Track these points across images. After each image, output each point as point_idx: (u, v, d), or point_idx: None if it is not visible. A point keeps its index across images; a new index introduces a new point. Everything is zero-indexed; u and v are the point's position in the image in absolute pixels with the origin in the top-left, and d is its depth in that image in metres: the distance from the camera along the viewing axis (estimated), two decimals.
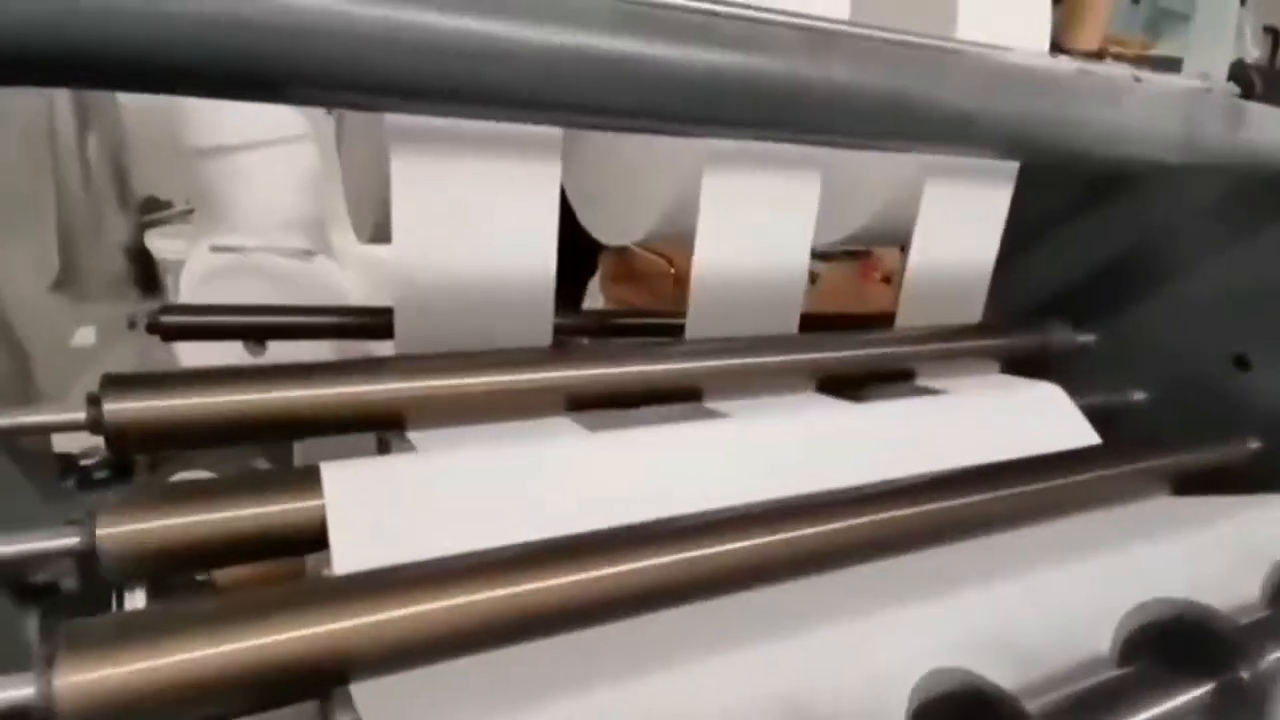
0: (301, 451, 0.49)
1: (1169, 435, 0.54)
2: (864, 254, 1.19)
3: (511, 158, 0.38)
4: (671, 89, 0.26)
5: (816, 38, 0.29)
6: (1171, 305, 0.59)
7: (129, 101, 1.58)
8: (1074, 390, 0.55)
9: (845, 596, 0.33)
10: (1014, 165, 0.54)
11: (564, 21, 0.24)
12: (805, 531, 0.36)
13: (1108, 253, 0.62)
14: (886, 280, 1.19)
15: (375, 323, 0.46)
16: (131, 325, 0.41)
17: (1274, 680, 0.23)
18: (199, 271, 1.01)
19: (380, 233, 0.51)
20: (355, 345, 0.51)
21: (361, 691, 0.25)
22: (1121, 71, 0.46)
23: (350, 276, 1.07)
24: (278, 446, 0.47)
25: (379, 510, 0.32)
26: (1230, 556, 0.35)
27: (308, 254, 1.06)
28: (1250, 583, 0.34)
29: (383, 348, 0.44)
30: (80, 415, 0.31)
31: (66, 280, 1.21)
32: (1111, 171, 0.55)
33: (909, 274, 0.55)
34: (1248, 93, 0.51)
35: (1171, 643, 0.23)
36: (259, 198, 1.14)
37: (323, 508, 0.31)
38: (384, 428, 0.38)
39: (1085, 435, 0.50)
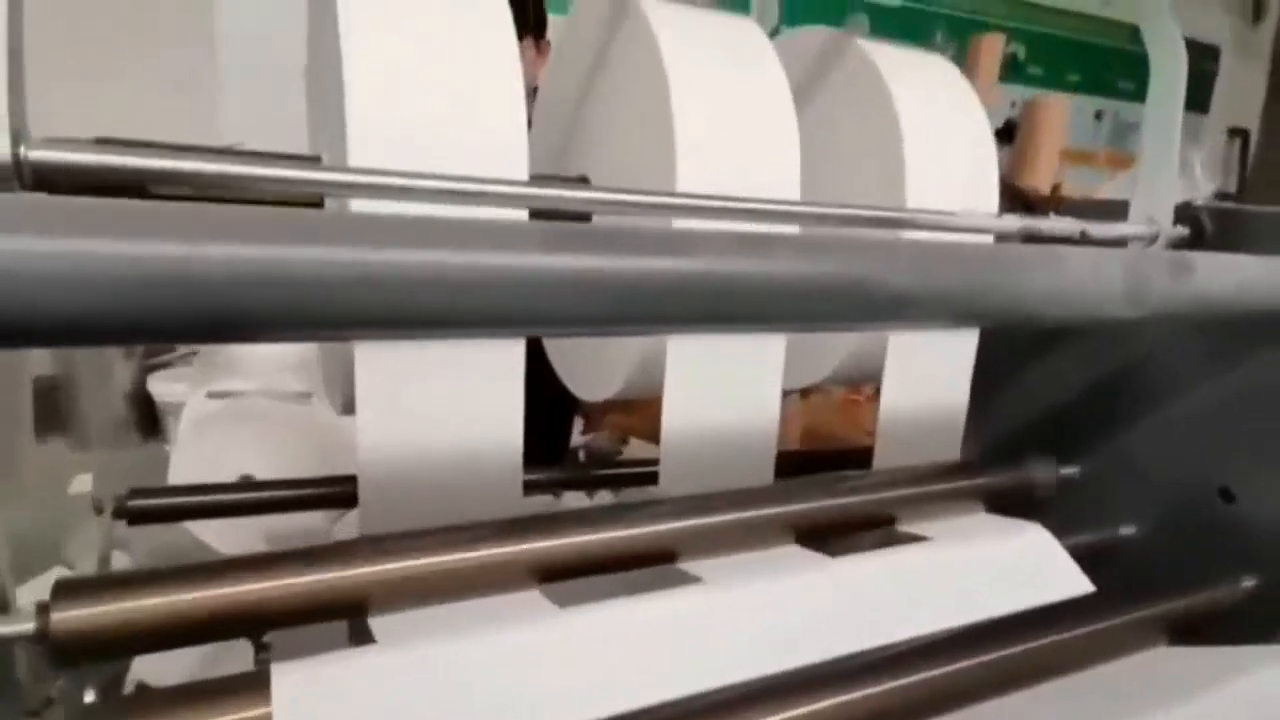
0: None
1: (1161, 571, 0.53)
2: None
3: (473, 343, 0.39)
4: (610, 298, 0.27)
5: (746, 235, 0.30)
6: (1154, 436, 0.58)
7: None
8: (1061, 525, 0.54)
9: None
10: None
11: (499, 245, 0.26)
12: (793, 713, 0.35)
13: (1086, 384, 0.63)
14: (878, 392, 1.19)
15: (342, 492, 0.46)
16: (98, 511, 0.42)
17: None
18: (195, 417, 1.03)
19: (351, 406, 0.52)
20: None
21: None
22: (1068, 226, 0.47)
23: (347, 418, 1.08)
24: None
25: (333, 716, 0.31)
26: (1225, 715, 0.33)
27: (304, 396, 1.07)
28: None
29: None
30: (29, 626, 0.31)
31: (67, 427, 1.23)
32: (1061, 330, 0.56)
33: (883, 416, 0.55)
34: (1198, 234, 0.53)
35: None
36: (254, 345, 1.17)
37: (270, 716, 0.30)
38: (347, 616, 0.37)
39: (1076, 582, 0.48)
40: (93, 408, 1.31)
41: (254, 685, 0.31)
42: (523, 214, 0.37)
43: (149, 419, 1.31)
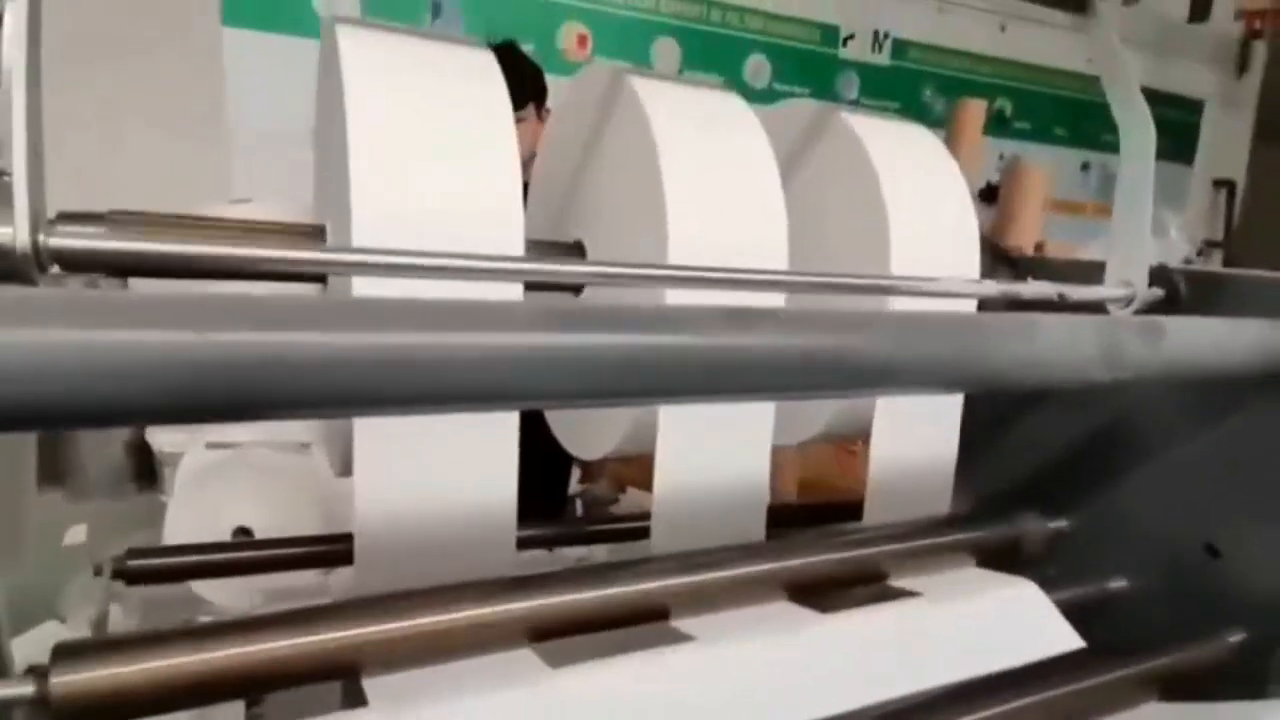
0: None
1: (1151, 625, 0.53)
2: None
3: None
4: (599, 374, 0.28)
5: (733, 314, 0.31)
6: (1140, 492, 0.59)
7: None
8: (1052, 578, 0.55)
9: None
10: None
11: (492, 325, 0.27)
12: None
13: (1074, 440, 0.64)
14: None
15: (338, 550, 0.47)
16: (98, 572, 0.42)
17: None
18: (194, 468, 1.03)
19: (349, 467, 0.53)
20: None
21: None
22: (1045, 289, 0.49)
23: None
24: None
25: None
26: None
27: (304, 447, 1.08)
28: None
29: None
30: (29, 689, 0.32)
31: (65, 478, 1.23)
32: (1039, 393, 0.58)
33: (872, 472, 0.56)
34: (1173, 296, 0.54)
35: None
36: None
37: None
38: (340, 678, 0.38)
39: (1067, 639, 0.49)
40: (92, 458, 1.31)
41: None
42: (518, 286, 0.38)
43: (147, 469, 1.31)
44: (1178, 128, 2.45)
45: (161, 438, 1.31)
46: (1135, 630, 0.53)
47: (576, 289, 0.48)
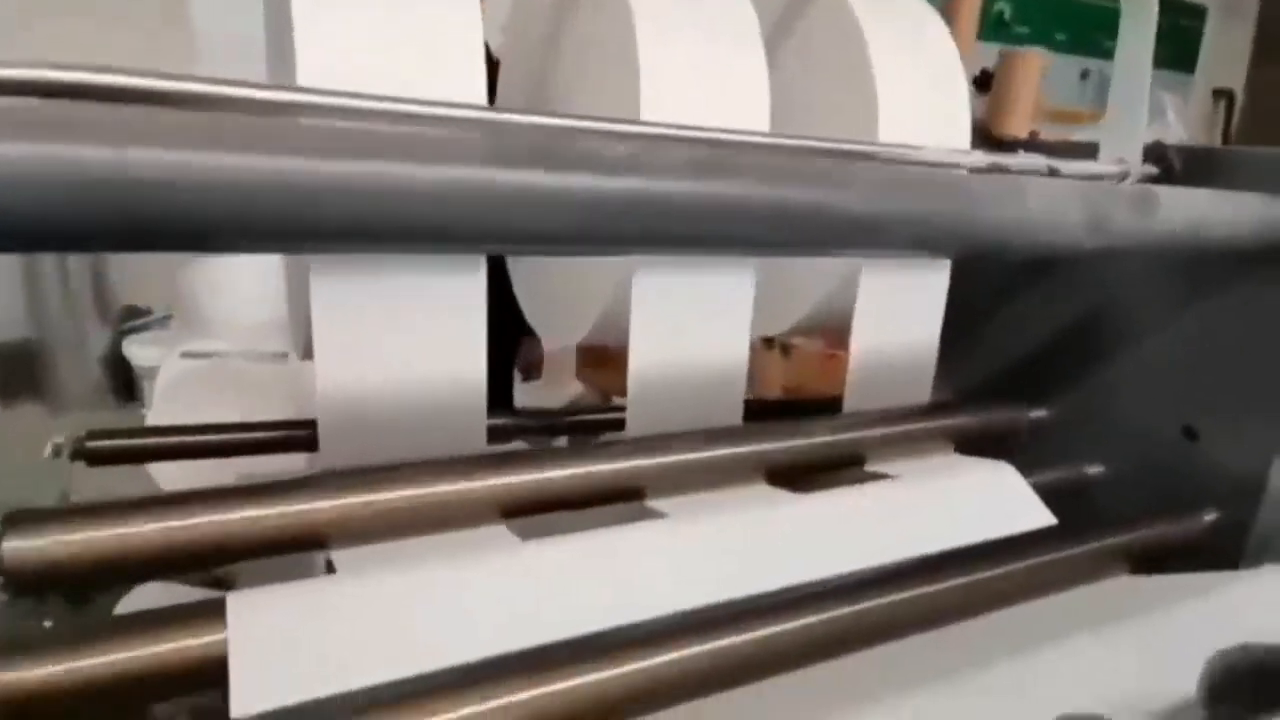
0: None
1: (1127, 509, 0.54)
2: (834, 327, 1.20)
3: (433, 270, 0.39)
4: (563, 214, 0.27)
5: (703, 156, 0.29)
6: (1122, 377, 0.59)
7: None
8: (1031, 467, 0.55)
9: (782, 703, 0.32)
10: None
11: (454, 158, 0.25)
12: (749, 636, 0.35)
13: (1055, 328, 0.63)
14: None
15: (306, 435, 0.46)
16: (57, 452, 0.41)
17: None
18: (170, 379, 1.02)
19: (311, 350, 0.52)
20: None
21: None
22: (1035, 161, 0.47)
23: None
24: None
25: (289, 642, 0.31)
26: (1180, 641, 0.34)
27: (281, 357, 1.06)
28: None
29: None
30: None
31: (41, 393, 1.21)
32: (1024, 260, 0.56)
33: (853, 359, 0.55)
34: (1168, 174, 0.53)
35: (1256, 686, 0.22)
36: (234, 302, 1.16)
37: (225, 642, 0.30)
38: (308, 549, 0.37)
39: (1040, 516, 0.49)
40: (67, 372, 1.30)
41: (209, 613, 0.31)
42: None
43: (125, 383, 1.29)
44: (1179, 34, 2.39)
45: (138, 351, 1.29)
46: (1111, 515, 0.53)
47: None
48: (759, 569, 0.40)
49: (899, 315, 0.55)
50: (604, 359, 1.43)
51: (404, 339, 0.39)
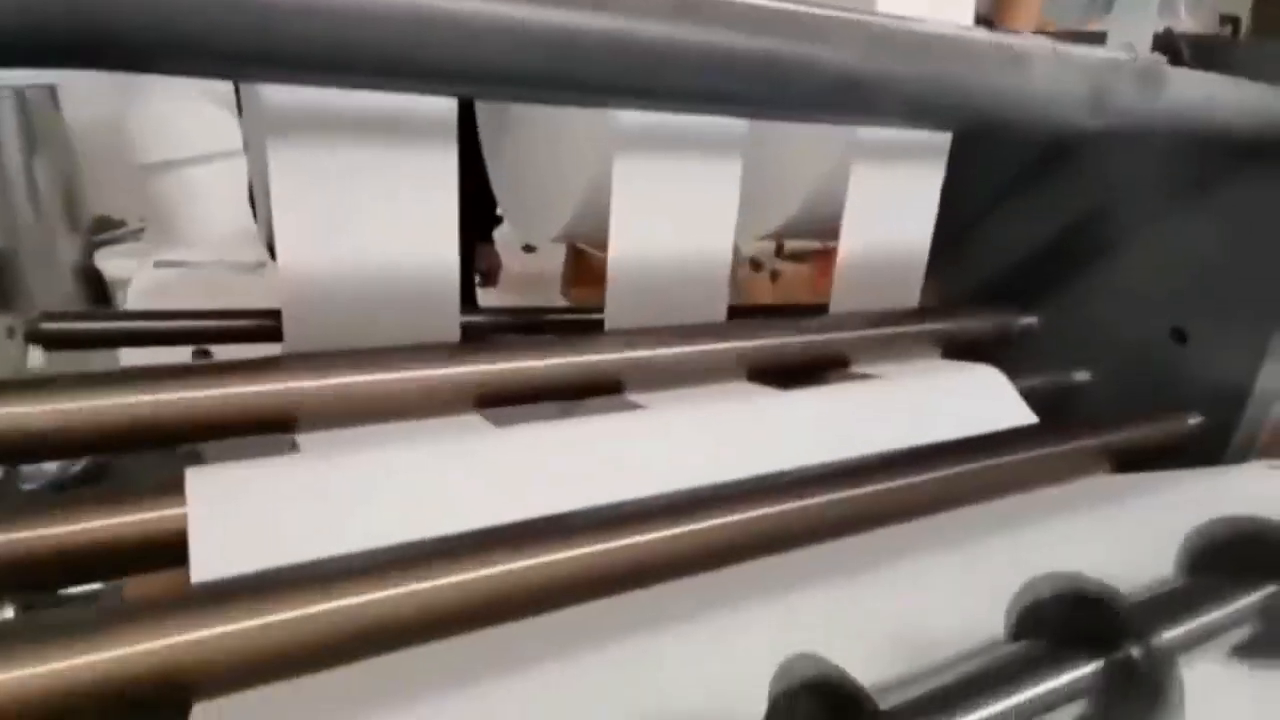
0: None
1: (1112, 414, 0.53)
2: (823, 251, 1.18)
3: (401, 140, 0.37)
4: (525, 50, 0.25)
5: (686, 4, 0.27)
6: (1112, 283, 0.58)
7: (77, 122, 1.56)
8: (1018, 373, 0.54)
9: (728, 591, 0.31)
10: (944, 143, 0.53)
11: None
12: (716, 522, 0.34)
13: (1047, 234, 0.61)
14: None
15: (270, 326, 0.44)
16: (10, 334, 0.39)
17: (1169, 658, 0.21)
18: (142, 287, 0.99)
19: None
20: None
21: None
22: (1039, 44, 0.45)
23: None
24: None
25: (247, 516, 0.30)
26: (1154, 530, 0.33)
27: (257, 266, 1.04)
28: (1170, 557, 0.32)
29: None
30: None
31: (12, 304, 1.18)
32: (1022, 136, 0.54)
33: (841, 258, 0.53)
34: (1175, 61, 0.50)
35: (1061, 619, 0.21)
36: (207, 212, 1.12)
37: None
38: (275, 430, 0.36)
39: (1021, 414, 0.49)
40: (39, 284, 1.27)
41: (169, 488, 0.30)
42: None
43: (98, 295, 1.27)
44: None
45: (110, 263, 1.26)
46: (1096, 420, 0.53)
47: None
48: (735, 457, 0.39)
49: (890, 212, 0.54)
50: (590, 277, 1.41)
51: (369, 215, 0.37)
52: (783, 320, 0.51)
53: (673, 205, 0.45)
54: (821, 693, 0.18)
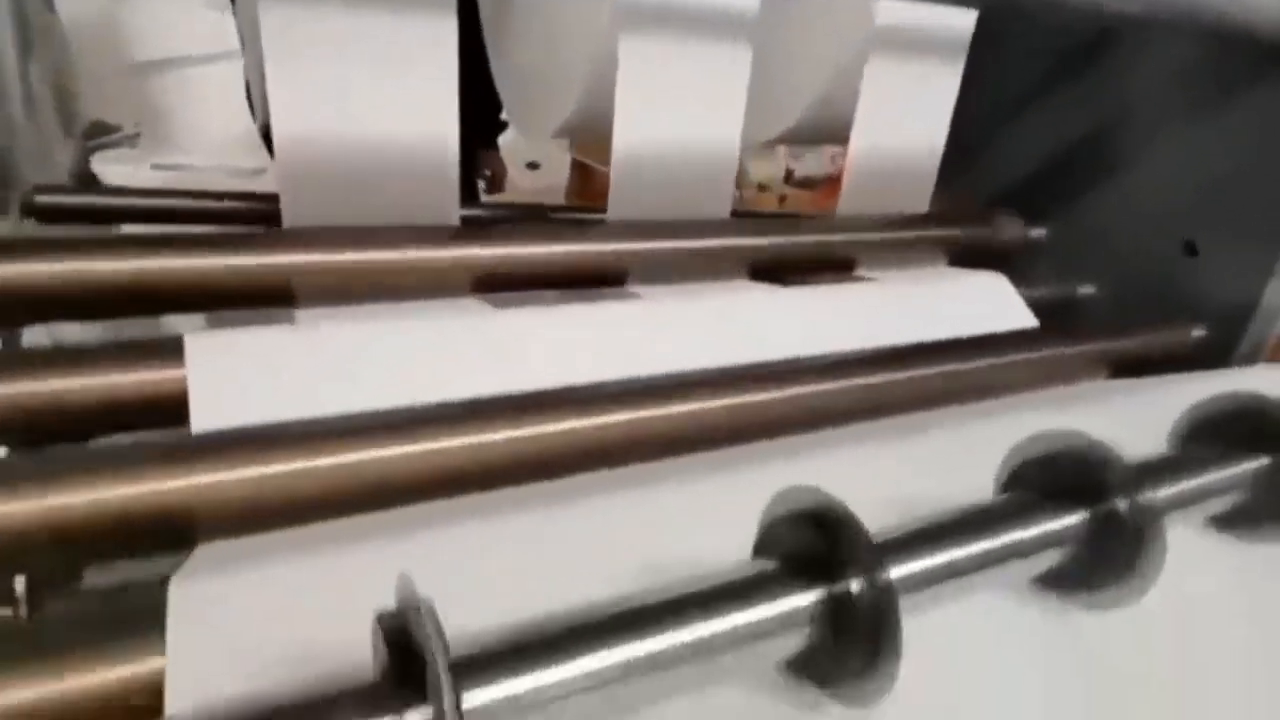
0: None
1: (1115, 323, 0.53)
2: (830, 180, 1.16)
3: (398, 6, 0.35)
4: None
5: None
6: (1124, 195, 0.57)
7: (72, 22, 1.51)
8: (1023, 285, 0.54)
9: (717, 467, 0.32)
10: (964, 38, 0.51)
11: None
12: (706, 405, 0.34)
13: (1060, 145, 0.60)
14: None
15: (266, 209, 0.44)
16: (3, 211, 0.39)
17: (1154, 515, 0.21)
18: None
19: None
20: None
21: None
22: None
23: None
24: None
25: (244, 378, 0.30)
26: (1151, 418, 0.33)
27: (255, 172, 1.02)
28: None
29: None
30: None
31: (7, 209, 1.17)
32: (1056, 20, 0.52)
33: (851, 159, 0.52)
34: None
35: (1050, 474, 0.21)
36: (204, 116, 1.10)
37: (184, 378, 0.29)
38: (271, 303, 0.36)
39: (1022, 317, 0.48)
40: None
41: (169, 350, 0.30)
42: None
43: None
44: None
45: (106, 168, 1.24)
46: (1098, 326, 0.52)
47: None
48: (729, 346, 0.39)
49: (905, 111, 0.52)
50: (594, 192, 1.38)
51: (365, 86, 0.36)
52: (788, 219, 0.50)
53: (679, 92, 0.44)
54: (813, 519, 0.18)
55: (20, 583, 0.23)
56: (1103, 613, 0.21)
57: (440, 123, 0.38)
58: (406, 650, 0.14)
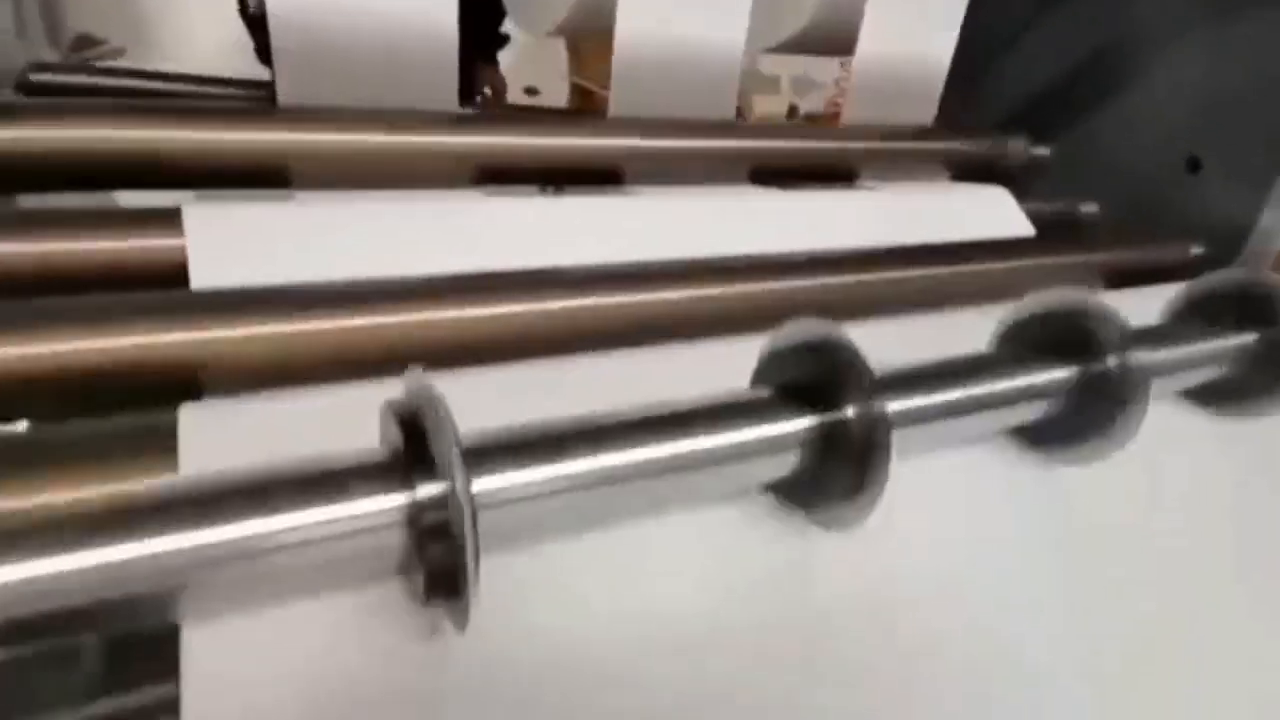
0: None
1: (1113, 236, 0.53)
2: (832, 117, 1.14)
3: None
4: None
5: None
6: (1129, 113, 0.56)
7: None
8: (1024, 201, 0.53)
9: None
10: None
11: None
12: (694, 293, 0.34)
13: (1066, 63, 0.59)
14: None
15: (262, 95, 0.43)
16: None
17: (1142, 376, 0.22)
18: None
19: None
20: None
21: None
22: None
23: None
24: None
25: (242, 245, 0.30)
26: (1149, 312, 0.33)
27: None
28: None
29: None
30: None
31: None
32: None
33: (856, 66, 0.51)
34: None
35: (1046, 330, 0.22)
36: (191, 28, 1.07)
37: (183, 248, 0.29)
38: (267, 182, 0.36)
39: (1019, 225, 0.48)
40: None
41: (167, 219, 0.30)
42: None
43: None
44: None
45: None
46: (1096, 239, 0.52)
47: None
48: (725, 240, 0.39)
49: (912, 21, 0.51)
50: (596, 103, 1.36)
51: None
52: (790, 125, 0.50)
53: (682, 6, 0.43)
54: (816, 350, 0.18)
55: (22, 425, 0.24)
56: (1083, 469, 0.22)
57: (439, 6, 0.38)
58: (417, 437, 0.14)
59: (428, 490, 0.14)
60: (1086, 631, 0.20)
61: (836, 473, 0.18)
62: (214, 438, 0.19)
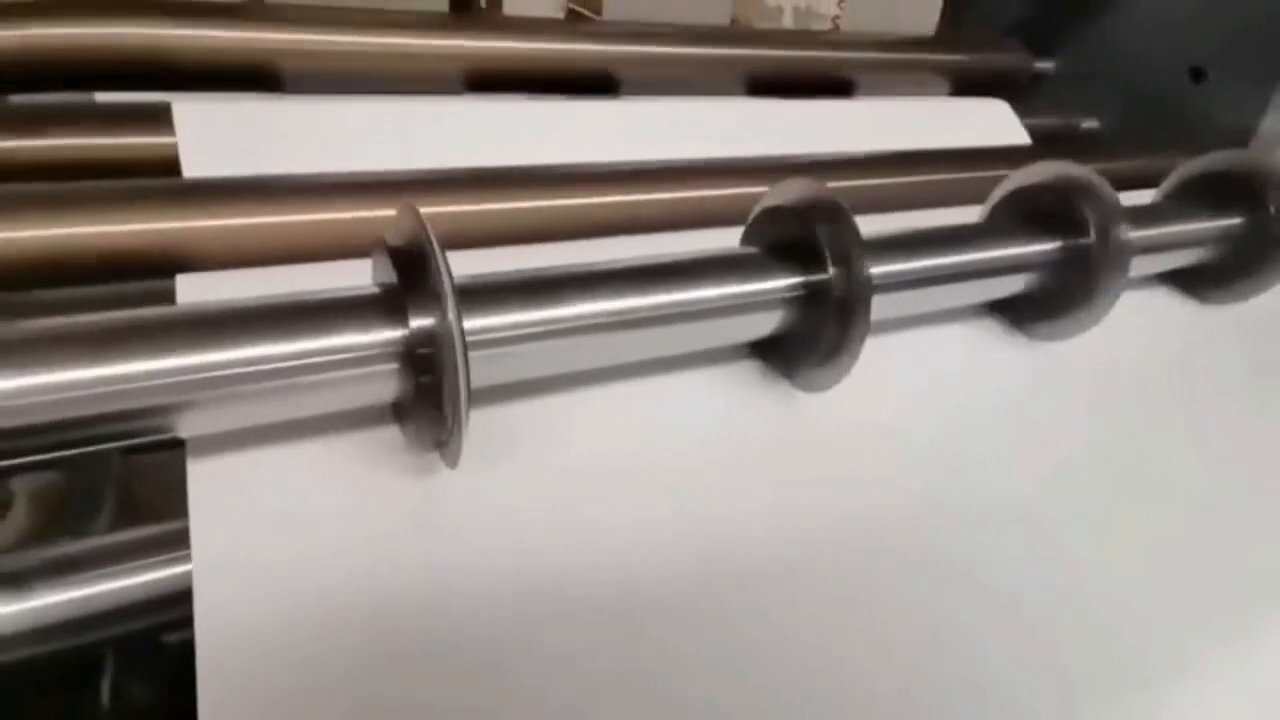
0: None
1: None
2: None
3: None
4: None
5: None
6: (1132, 26, 0.55)
7: None
8: (1026, 117, 0.52)
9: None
10: None
11: None
12: (683, 194, 0.34)
13: None
14: None
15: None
16: None
17: (1124, 251, 0.22)
18: None
19: None
20: None
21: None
22: None
23: None
24: None
25: (234, 141, 0.30)
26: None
27: None
28: None
29: None
30: None
31: None
32: None
33: None
34: None
35: (1036, 202, 0.22)
36: None
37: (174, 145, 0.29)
38: (257, 83, 0.35)
39: (1016, 135, 0.48)
40: None
41: (158, 116, 0.30)
42: None
43: None
44: None
45: None
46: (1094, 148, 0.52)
47: None
48: (718, 145, 0.38)
49: None
50: None
51: None
52: (788, 32, 0.49)
53: None
54: (804, 211, 0.18)
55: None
56: (1064, 344, 0.22)
57: None
58: (410, 272, 0.14)
59: (420, 322, 0.14)
60: (1071, 478, 0.20)
61: (819, 332, 0.18)
62: (209, 292, 0.19)
